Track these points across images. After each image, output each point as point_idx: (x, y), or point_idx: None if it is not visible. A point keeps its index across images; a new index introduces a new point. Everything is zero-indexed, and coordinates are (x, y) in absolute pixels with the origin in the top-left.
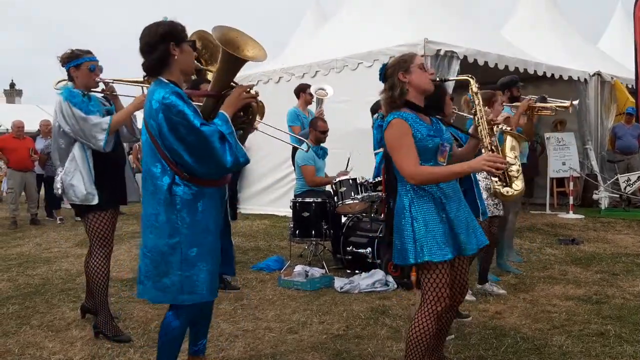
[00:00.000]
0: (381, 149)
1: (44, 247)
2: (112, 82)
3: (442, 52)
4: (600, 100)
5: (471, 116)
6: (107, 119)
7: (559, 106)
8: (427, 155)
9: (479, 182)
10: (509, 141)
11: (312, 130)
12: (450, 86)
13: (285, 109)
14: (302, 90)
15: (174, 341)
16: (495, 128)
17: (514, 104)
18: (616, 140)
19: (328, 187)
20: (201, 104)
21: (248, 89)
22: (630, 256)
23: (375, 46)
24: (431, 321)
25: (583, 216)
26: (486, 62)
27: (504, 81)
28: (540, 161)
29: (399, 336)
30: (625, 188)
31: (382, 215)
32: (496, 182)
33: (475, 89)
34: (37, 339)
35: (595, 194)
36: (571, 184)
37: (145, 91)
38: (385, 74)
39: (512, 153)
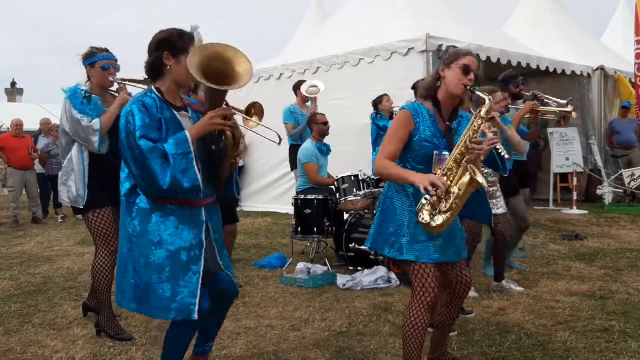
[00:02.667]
0: None
1: (46, 245)
2: (122, 83)
3: (443, 47)
4: (603, 95)
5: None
6: (97, 120)
7: (561, 109)
8: (419, 158)
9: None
10: (466, 175)
11: (313, 126)
12: None
13: (286, 106)
14: (299, 87)
15: (179, 344)
16: (466, 157)
17: (518, 106)
18: (615, 135)
19: None
20: None
21: (222, 115)
22: (634, 251)
23: (376, 42)
24: (422, 312)
25: (587, 211)
26: (488, 57)
27: (504, 77)
28: (543, 156)
29: (401, 333)
30: (629, 183)
31: None
32: (425, 204)
33: (483, 114)
34: (39, 337)
35: (599, 189)
36: (575, 179)
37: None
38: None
39: (457, 188)
